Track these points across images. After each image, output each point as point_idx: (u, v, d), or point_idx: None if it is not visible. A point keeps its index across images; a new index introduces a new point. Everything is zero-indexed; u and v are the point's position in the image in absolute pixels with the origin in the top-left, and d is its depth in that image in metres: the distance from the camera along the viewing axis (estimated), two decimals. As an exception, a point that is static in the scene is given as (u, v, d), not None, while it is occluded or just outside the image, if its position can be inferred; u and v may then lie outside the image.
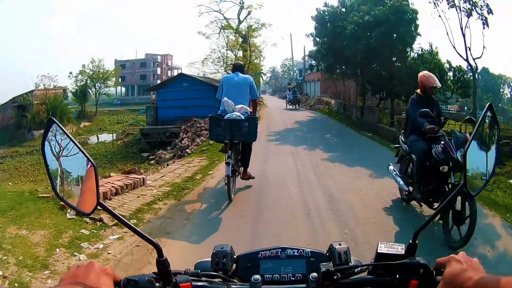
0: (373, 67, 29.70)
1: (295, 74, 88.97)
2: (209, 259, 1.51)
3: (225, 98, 9.16)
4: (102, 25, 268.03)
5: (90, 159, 1.40)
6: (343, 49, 29.49)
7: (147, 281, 1.27)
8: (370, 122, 26.10)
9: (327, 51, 32.55)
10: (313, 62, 42.60)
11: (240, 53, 39.02)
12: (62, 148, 1.43)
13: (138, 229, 1.38)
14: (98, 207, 1.37)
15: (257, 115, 9.86)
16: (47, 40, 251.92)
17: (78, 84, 61.35)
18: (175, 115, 33.29)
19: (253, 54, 38.49)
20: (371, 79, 30.30)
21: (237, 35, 39.72)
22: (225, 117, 8.85)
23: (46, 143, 1.42)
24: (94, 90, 62.40)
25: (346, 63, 32.18)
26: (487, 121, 1.48)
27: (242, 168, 9.88)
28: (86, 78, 61.96)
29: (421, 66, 24.26)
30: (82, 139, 45.76)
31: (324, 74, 48.43)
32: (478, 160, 1.50)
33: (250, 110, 9.54)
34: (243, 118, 8.85)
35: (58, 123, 1.41)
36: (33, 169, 30.19)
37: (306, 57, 62.68)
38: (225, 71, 36.67)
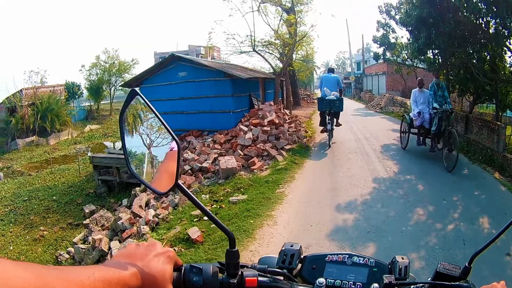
0: (474, 54, 18.04)
1: (352, 67, 71.69)
2: (274, 255, 1.48)
3: (325, 88, 15.41)
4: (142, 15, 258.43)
5: (175, 137, 1.23)
6: (448, 20, 16.65)
7: (212, 270, 1.17)
8: (483, 144, 15.06)
9: (420, 24, 18.77)
10: (378, 50, 35.18)
11: (284, 30, 26.64)
12: (143, 123, 1.42)
13: (215, 216, 1.26)
14: (176, 189, 1.21)
15: (343, 98, 15.99)
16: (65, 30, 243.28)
17: (91, 78, 49.25)
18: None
19: (302, 38, 26.59)
20: (465, 72, 19.01)
21: (279, 8, 26.79)
22: (326, 98, 15.13)
23: (125, 116, 1.27)
24: (109, 85, 50.01)
25: (446, 43, 17.74)
26: None
27: (336, 120, 16.04)
28: (100, 71, 49.41)
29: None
30: (65, 152, 33.58)
31: (391, 66, 39.44)
32: None
33: (338, 95, 15.45)
34: (335, 99, 15.12)
35: (142, 95, 1.21)
36: None
37: (369, 43, 51.19)
38: (253, 50, 24.32)
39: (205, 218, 9.10)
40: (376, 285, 1.29)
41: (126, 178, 17.80)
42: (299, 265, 1.41)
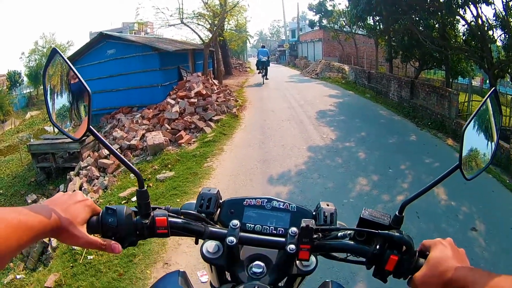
0: (421, 21, 17.79)
1: (287, 35, 70.00)
2: (194, 201, 1.42)
3: (260, 56, 26.77)
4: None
5: (87, 87, 1.23)
6: None
7: (125, 212, 1.18)
8: (431, 110, 14.64)
9: None
10: (314, 17, 37.24)
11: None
12: (62, 78, 1.34)
13: (123, 157, 1.24)
14: (88, 133, 1.25)
15: (270, 59, 29.41)
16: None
17: (30, 65, 48.41)
18: (99, 107, 19.34)
19: (232, 8, 25.81)
20: (409, 38, 18.53)
21: None
22: (261, 60, 26.72)
23: (47, 73, 1.29)
24: None
25: (388, 10, 17.75)
26: (490, 105, 1.28)
27: (266, 74, 26.94)
28: (38, 56, 48.31)
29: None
30: (9, 142, 31.38)
31: (327, 33, 39.01)
32: (477, 144, 1.32)
33: (267, 59, 27.23)
34: (265, 60, 26.88)
35: (61, 54, 1.23)
36: None
37: (305, 11, 51.45)
38: (181, 22, 23.68)
39: (133, 199, 8.40)
40: (294, 229, 1.22)
41: (62, 163, 17.03)
42: (218, 211, 1.38)
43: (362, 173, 8.61)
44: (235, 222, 1.23)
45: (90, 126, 1.19)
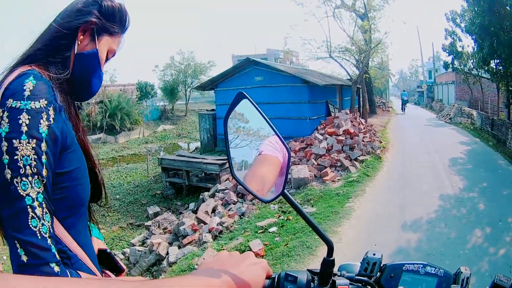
0: None
1: (424, 76, 73.01)
2: (353, 262, 1.46)
3: (403, 97, 44.41)
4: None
5: (286, 146, 1.32)
6: (506, 28, 17.28)
7: (306, 279, 1.19)
8: None
9: (483, 32, 19.49)
10: (447, 58, 35.18)
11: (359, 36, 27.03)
12: (249, 128, 1.40)
13: (316, 225, 1.27)
14: (280, 197, 1.24)
15: (408, 99, 49.39)
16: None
17: (165, 79, 50.96)
18: (243, 134, 19.46)
19: (376, 45, 27.04)
20: None
21: (354, 13, 27.14)
22: (403, 99, 44.50)
23: (231, 119, 1.34)
24: (185, 86, 50.75)
25: (504, 52, 18.38)
26: None
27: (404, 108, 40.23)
28: (175, 72, 50.75)
29: None
30: (134, 151, 34.87)
31: (459, 76, 38.61)
32: None
33: (407, 99, 39.69)
34: (406, 100, 45.27)
35: (250, 99, 1.26)
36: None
37: (438, 51, 53.15)
38: (330, 56, 25.05)
39: (270, 230, 9.08)
40: None
41: (196, 182, 17.70)
42: (378, 274, 1.40)
43: (478, 225, 9.16)
44: None
45: (285, 190, 1.22)
